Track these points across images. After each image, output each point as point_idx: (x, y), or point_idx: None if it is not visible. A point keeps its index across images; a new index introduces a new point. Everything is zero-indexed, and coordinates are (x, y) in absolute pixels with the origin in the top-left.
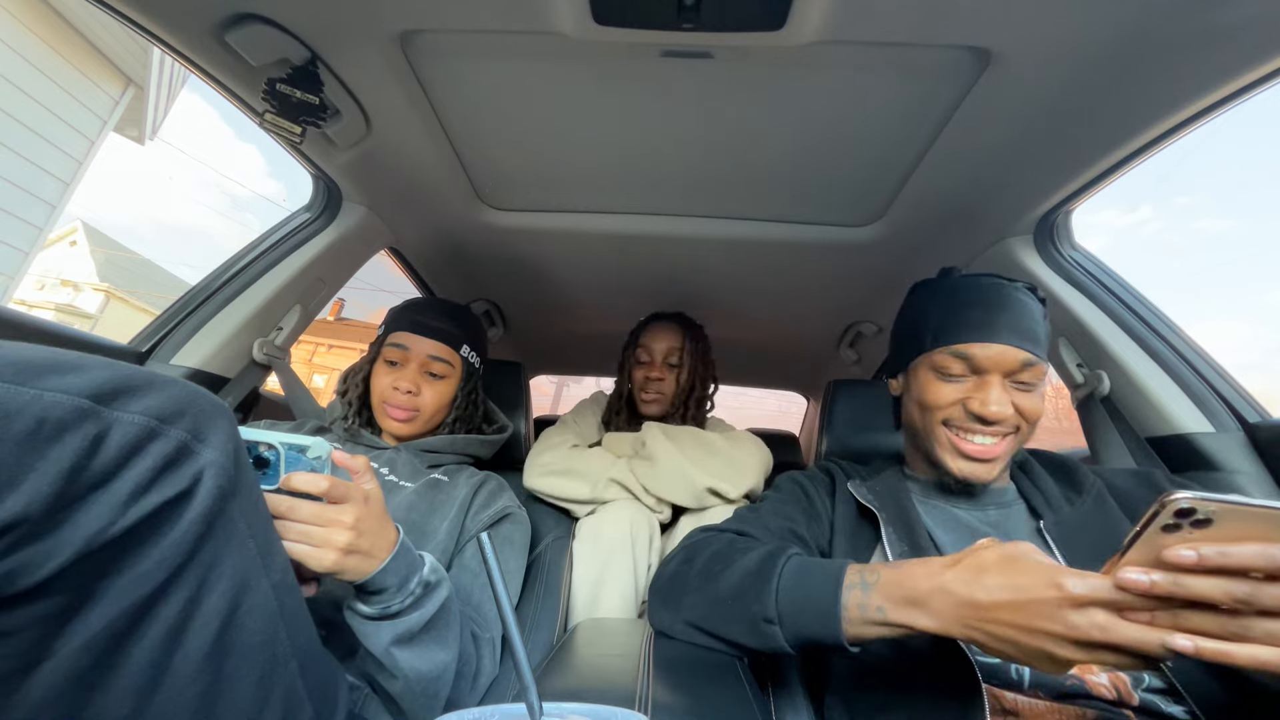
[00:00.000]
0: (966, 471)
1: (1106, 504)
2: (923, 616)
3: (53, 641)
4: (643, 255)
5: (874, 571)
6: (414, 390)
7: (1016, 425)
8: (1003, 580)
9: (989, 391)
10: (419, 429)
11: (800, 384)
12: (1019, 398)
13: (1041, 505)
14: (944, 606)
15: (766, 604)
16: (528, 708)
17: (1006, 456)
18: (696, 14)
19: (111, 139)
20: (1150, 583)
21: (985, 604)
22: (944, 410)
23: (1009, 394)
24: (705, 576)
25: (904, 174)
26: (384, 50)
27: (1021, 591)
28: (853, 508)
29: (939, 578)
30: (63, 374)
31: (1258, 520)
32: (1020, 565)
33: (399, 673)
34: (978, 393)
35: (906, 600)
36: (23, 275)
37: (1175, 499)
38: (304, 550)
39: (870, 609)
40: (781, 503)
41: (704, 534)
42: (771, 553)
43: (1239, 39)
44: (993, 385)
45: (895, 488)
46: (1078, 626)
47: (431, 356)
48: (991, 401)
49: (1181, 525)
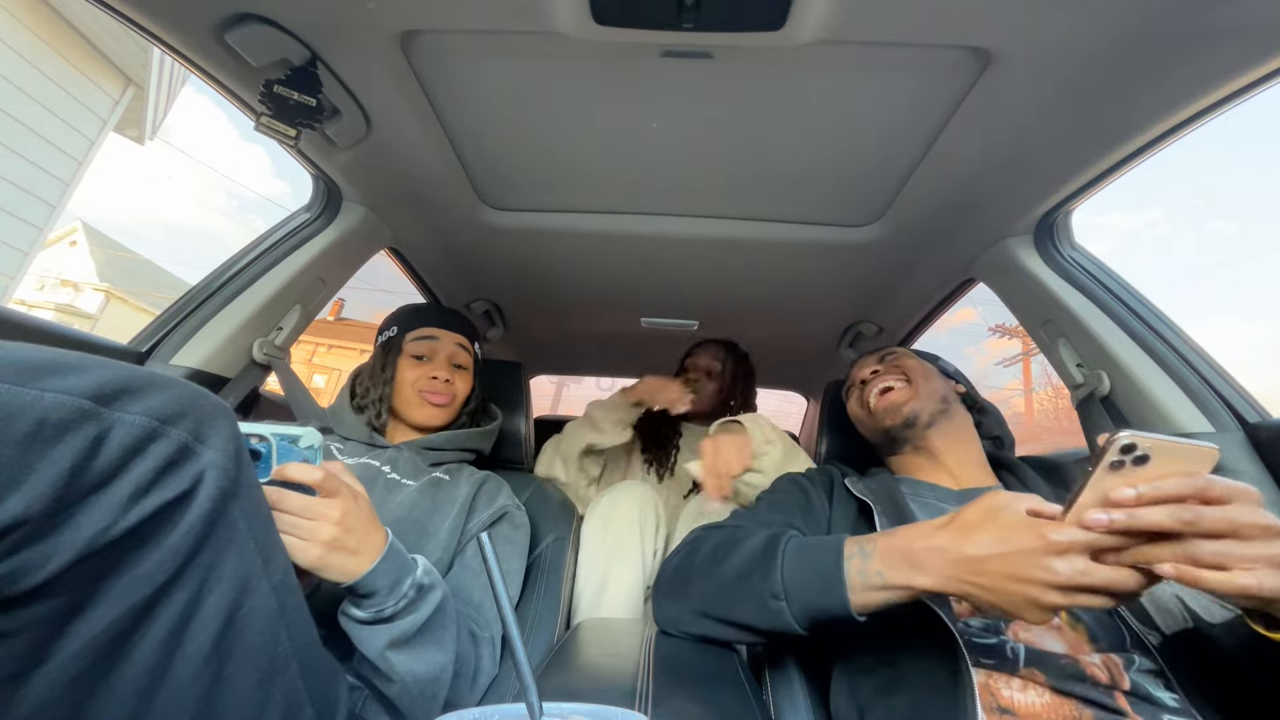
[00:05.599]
0: (879, 406)
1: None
2: (919, 575)
3: (53, 643)
4: (643, 255)
5: (870, 540)
6: (449, 379)
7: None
8: (990, 535)
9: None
10: (450, 416)
11: (800, 384)
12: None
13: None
14: (938, 563)
15: (773, 581)
16: (528, 708)
17: (905, 395)
18: (697, 14)
19: (111, 139)
20: (1109, 520)
21: (976, 557)
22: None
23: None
24: (710, 563)
25: (904, 174)
26: (384, 50)
27: (1008, 544)
28: (851, 507)
29: (932, 538)
30: (63, 375)
31: (1184, 455)
32: (1004, 518)
33: (395, 676)
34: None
35: (904, 561)
36: (23, 275)
37: (1119, 436)
38: (288, 542)
39: (870, 574)
40: (779, 502)
41: (704, 530)
42: (773, 535)
43: (1239, 39)
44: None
45: (889, 487)
46: (1060, 572)
47: (458, 345)
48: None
49: (1125, 463)
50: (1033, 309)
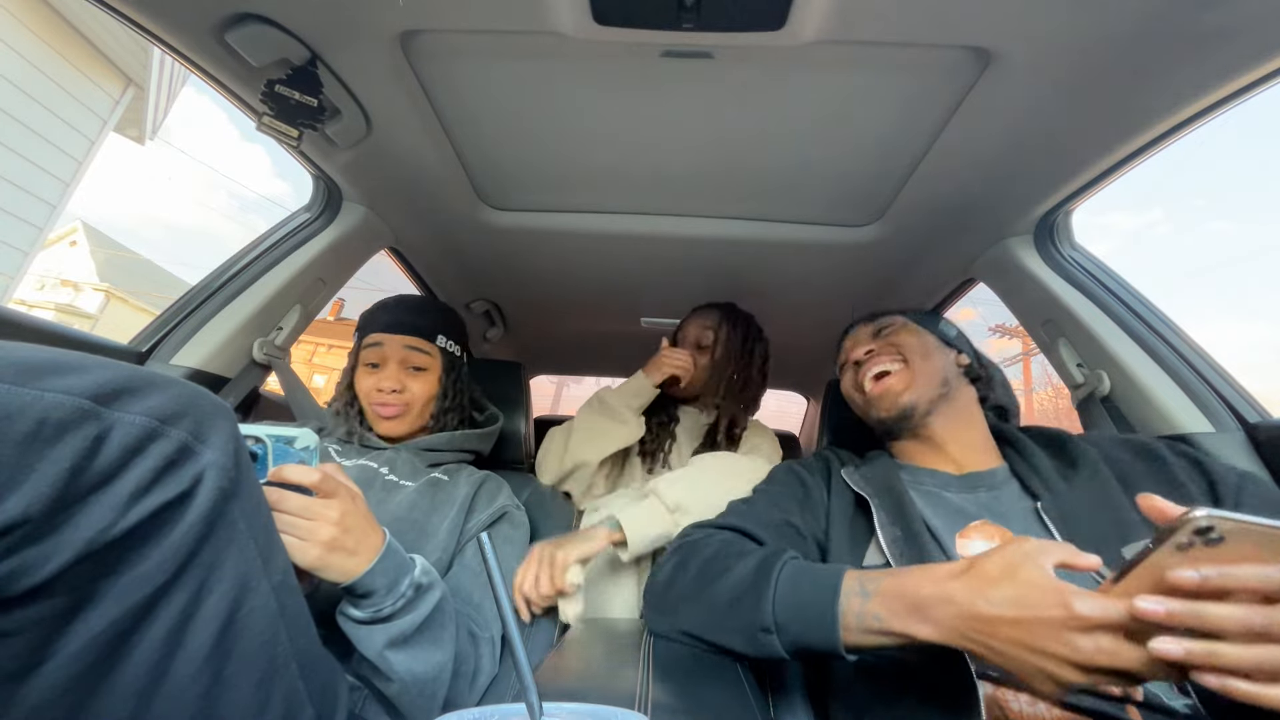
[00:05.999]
0: (874, 394)
1: (1103, 478)
2: (922, 625)
3: (53, 643)
4: (643, 255)
5: (874, 579)
6: (398, 388)
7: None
8: (1009, 593)
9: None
10: (412, 425)
11: (800, 384)
12: (879, 343)
13: (1037, 485)
14: (945, 616)
15: (763, 612)
16: (528, 708)
17: (901, 383)
18: (697, 14)
19: (112, 139)
20: (1166, 612)
21: (988, 617)
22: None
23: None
24: (700, 582)
25: (904, 174)
26: (384, 50)
27: (1027, 608)
28: (848, 497)
29: (943, 585)
30: (64, 375)
31: (1267, 541)
32: (1027, 575)
33: (394, 676)
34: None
35: (907, 608)
36: (23, 275)
37: (1195, 518)
38: (287, 543)
39: (868, 617)
40: (777, 494)
41: (698, 533)
42: (767, 558)
43: (1238, 39)
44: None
45: (887, 474)
46: (1082, 650)
47: (408, 348)
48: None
49: (1194, 543)
50: (1033, 309)
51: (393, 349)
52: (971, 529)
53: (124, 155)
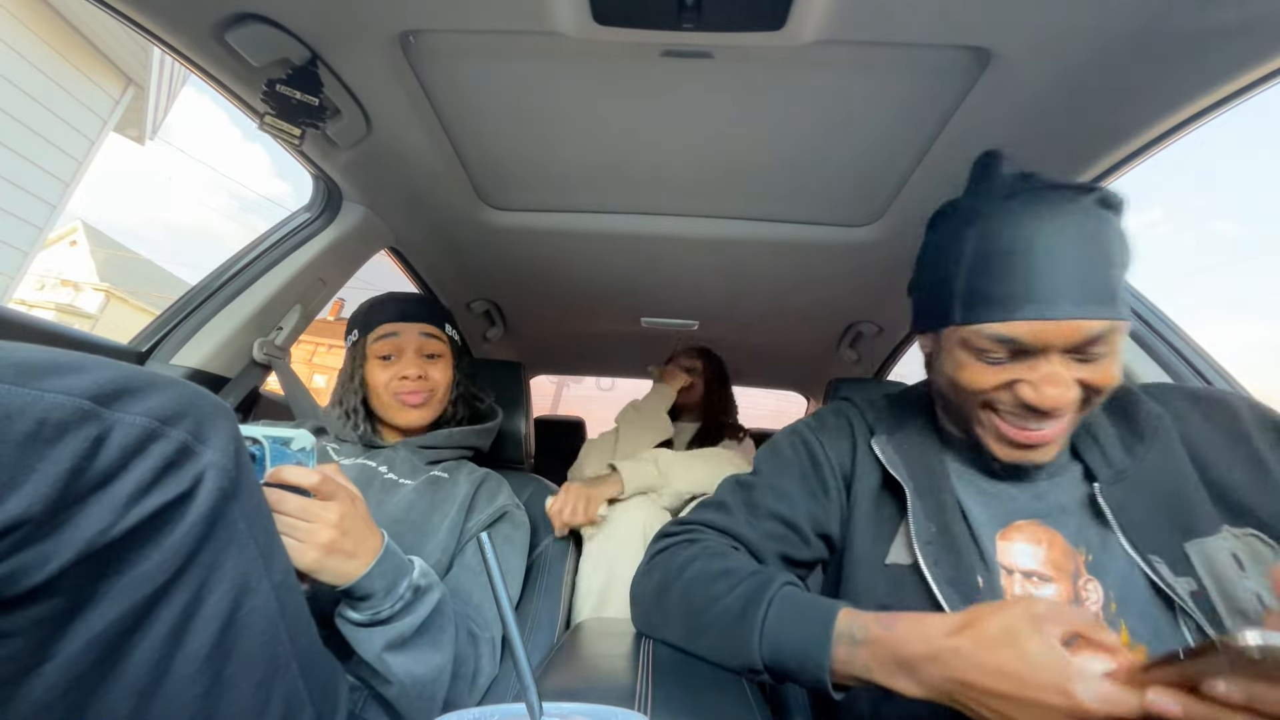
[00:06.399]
0: (1017, 458)
1: (1173, 451)
2: (909, 683)
3: (53, 643)
4: (643, 255)
5: (864, 626)
6: (422, 374)
7: (1084, 398)
8: (1006, 665)
9: (1044, 375)
10: (435, 412)
11: (800, 384)
12: (1086, 371)
13: (1099, 463)
14: (933, 677)
15: (750, 653)
16: (528, 708)
17: (1068, 433)
18: (697, 14)
19: (112, 139)
20: (1184, 713)
21: (979, 687)
22: (985, 394)
23: (1072, 370)
24: (687, 593)
25: (904, 174)
26: (384, 50)
27: (1024, 687)
28: (876, 478)
29: (935, 644)
30: (63, 375)
31: None
32: (1028, 645)
33: (393, 678)
34: (1029, 374)
35: (896, 664)
36: (23, 275)
37: (1248, 645)
38: (285, 544)
39: (856, 664)
40: (781, 477)
41: (683, 533)
42: (754, 592)
43: (1239, 39)
44: (1049, 366)
45: (926, 451)
46: None
47: (424, 335)
48: (1048, 389)
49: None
50: None
51: (409, 337)
52: (1014, 529)
53: (124, 155)
